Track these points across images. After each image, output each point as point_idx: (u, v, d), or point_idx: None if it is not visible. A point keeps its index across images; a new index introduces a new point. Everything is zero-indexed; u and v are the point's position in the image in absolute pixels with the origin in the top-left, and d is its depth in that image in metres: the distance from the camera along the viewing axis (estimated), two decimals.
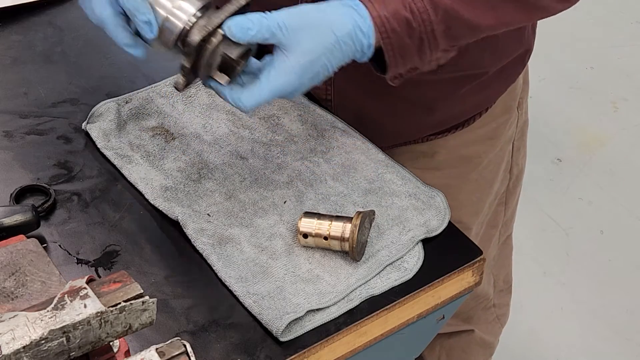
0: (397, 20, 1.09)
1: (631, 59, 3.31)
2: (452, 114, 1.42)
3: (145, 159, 1.23)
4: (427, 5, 1.09)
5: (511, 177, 1.59)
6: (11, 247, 0.96)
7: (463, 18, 1.11)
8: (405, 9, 1.08)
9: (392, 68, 1.12)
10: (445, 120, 1.42)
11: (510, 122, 1.51)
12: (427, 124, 1.42)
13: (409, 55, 1.11)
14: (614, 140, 2.98)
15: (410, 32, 1.09)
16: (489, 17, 1.13)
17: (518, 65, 1.45)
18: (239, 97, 1.07)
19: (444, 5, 1.09)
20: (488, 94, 1.43)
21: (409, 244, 1.15)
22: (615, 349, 2.38)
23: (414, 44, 1.10)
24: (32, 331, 0.78)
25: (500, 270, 1.74)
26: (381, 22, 1.08)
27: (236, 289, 1.08)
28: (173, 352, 0.83)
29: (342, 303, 1.08)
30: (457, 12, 1.10)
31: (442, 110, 1.38)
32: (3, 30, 1.44)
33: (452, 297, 1.16)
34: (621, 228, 2.69)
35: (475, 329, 1.77)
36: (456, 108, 1.40)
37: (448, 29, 1.11)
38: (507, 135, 1.52)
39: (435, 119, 1.39)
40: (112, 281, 0.84)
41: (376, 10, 1.08)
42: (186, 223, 1.14)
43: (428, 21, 1.09)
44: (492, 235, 1.63)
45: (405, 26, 1.09)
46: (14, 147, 1.25)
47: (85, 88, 1.34)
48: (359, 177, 1.23)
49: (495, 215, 1.61)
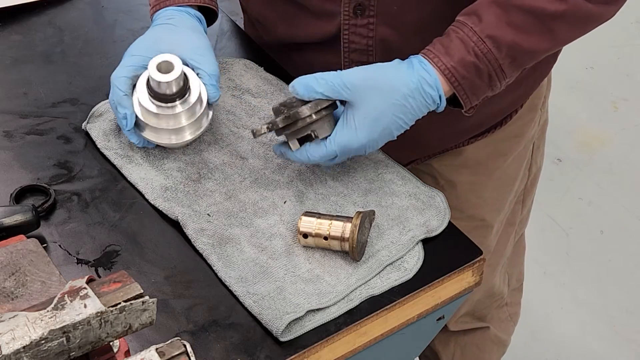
0: (465, 67, 1.14)
1: (631, 59, 3.30)
2: (490, 114, 1.41)
3: (145, 158, 1.23)
4: (490, 46, 1.14)
5: (530, 175, 1.59)
6: (11, 247, 0.96)
7: (524, 48, 1.15)
8: (470, 54, 1.14)
9: (467, 105, 1.18)
10: (482, 123, 1.42)
11: (535, 120, 1.51)
12: (463, 129, 1.42)
13: (481, 91, 1.18)
14: (614, 140, 2.98)
15: (479, 74, 1.15)
16: (546, 41, 1.17)
17: (551, 59, 1.44)
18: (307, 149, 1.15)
19: (505, 42, 1.14)
20: (524, 90, 1.43)
21: (409, 244, 1.15)
22: (615, 349, 2.38)
23: (484, 82, 1.16)
24: (32, 331, 0.78)
25: (514, 269, 1.75)
26: (450, 73, 1.15)
27: (236, 289, 1.08)
28: (173, 352, 0.83)
29: (342, 303, 1.08)
30: (518, 44, 1.14)
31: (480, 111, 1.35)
32: (3, 30, 1.44)
33: (452, 297, 1.16)
34: (621, 228, 2.68)
35: (491, 326, 1.77)
36: (494, 108, 1.40)
37: (513, 60, 1.16)
38: (530, 134, 1.52)
39: (472, 121, 1.39)
40: (112, 281, 0.84)
41: (442, 62, 1.14)
42: (186, 223, 1.14)
43: (494, 60, 1.15)
44: (509, 234, 1.63)
45: (474, 70, 1.15)
46: (14, 147, 1.25)
47: (85, 88, 1.34)
48: (359, 177, 1.23)
49: (513, 214, 1.61)
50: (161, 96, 1.18)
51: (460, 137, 1.44)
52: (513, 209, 1.60)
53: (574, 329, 2.42)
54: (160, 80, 1.16)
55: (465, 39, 1.14)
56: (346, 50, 1.29)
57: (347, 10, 1.25)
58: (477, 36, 1.14)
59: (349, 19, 1.26)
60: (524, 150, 1.53)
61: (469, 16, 1.15)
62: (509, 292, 1.76)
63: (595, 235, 2.66)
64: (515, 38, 1.14)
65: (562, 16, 1.15)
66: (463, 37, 1.14)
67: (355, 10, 1.25)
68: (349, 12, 1.25)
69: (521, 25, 1.14)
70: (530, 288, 2.45)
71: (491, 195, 1.51)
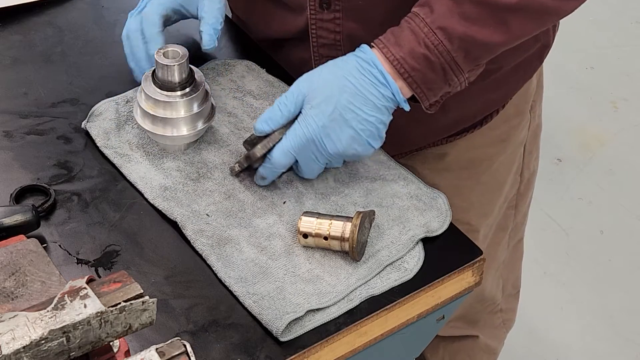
0: (415, 58, 1.13)
1: (631, 59, 3.30)
2: (467, 113, 1.41)
3: (144, 158, 1.23)
4: (442, 38, 1.12)
5: (522, 181, 1.58)
6: (11, 247, 0.96)
7: (477, 41, 1.14)
8: (420, 45, 1.13)
9: (424, 100, 1.17)
10: (459, 121, 1.42)
11: (522, 125, 1.50)
12: (441, 126, 1.41)
13: (437, 86, 1.16)
14: (614, 140, 2.98)
15: (432, 66, 1.14)
16: (500, 34, 1.15)
17: (535, 61, 1.43)
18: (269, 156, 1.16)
19: (457, 34, 1.12)
20: (503, 91, 1.43)
21: (409, 244, 1.15)
22: (615, 349, 2.38)
23: (438, 76, 1.15)
24: (32, 331, 0.78)
25: (510, 274, 1.73)
26: (398, 63, 1.13)
27: (236, 289, 1.08)
28: (173, 352, 0.83)
29: (342, 303, 1.08)
30: (470, 36, 1.13)
31: (456, 108, 1.36)
32: (3, 30, 1.44)
33: (452, 297, 1.16)
34: (621, 228, 2.68)
35: (480, 335, 1.76)
36: (471, 107, 1.40)
37: (467, 54, 1.14)
38: (519, 138, 1.51)
39: (449, 119, 1.39)
40: (112, 281, 0.84)
41: (391, 53, 1.13)
42: (185, 224, 1.14)
43: (446, 52, 1.13)
44: (501, 239, 1.62)
45: (424, 62, 1.13)
46: (14, 147, 1.25)
47: (85, 88, 1.34)
48: (360, 177, 1.23)
49: (505, 219, 1.60)
50: (165, 83, 1.19)
51: (437, 134, 1.43)
52: (505, 214, 1.59)
53: (573, 329, 2.42)
54: (165, 63, 1.18)
55: (416, 30, 1.13)
56: (315, 44, 1.30)
57: (314, 4, 1.26)
58: (428, 27, 1.12)
59: (315, 13, 1.26)
60: (513, 155, 1.52)
61: (422, 7, 1.14)
62: (504, 298, 1.75)
63: (595, 235, 2.66)
64: (467, 30, 1.12)
65: (515, 8, 1.13)
66: (414, 28, 1.13)
67: (321, 4, 1.25)
68: (315, 6, 1.26)
69: (473, 17, 1.12)
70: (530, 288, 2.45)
71: (477, 199, 1.50)
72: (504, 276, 1.71)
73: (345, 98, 1.13)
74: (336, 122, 1.13)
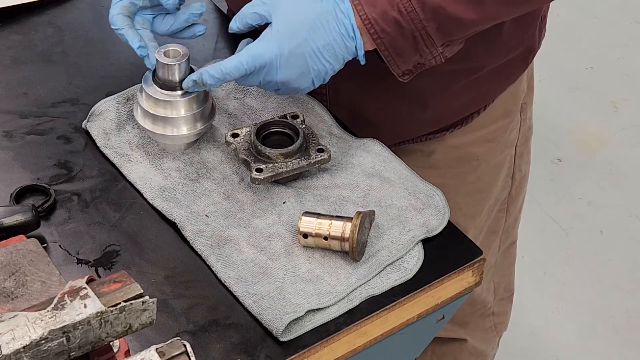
0: (386, 21, 1.13)
1: (631, 59, 3.30)
2: (446, 111, 1.41)
3: (144, 157, 1.23)
4: (415, 5, 1.12)
5: (513, 183, 1.58)
6: (11, 247, 0.96)
7: (450, 14, 1.14)
8: (393, 9, 1.13)
9: (394, 66, 1.17)
10: (439, 117, 1.42)
11: (511, 127, 1.50)
12: (420, 121, 1.41)
13: (406, 54, 1.16)
14: (614, 140, 2.98)
15: (402, 32, 1.14)
16: (472, 12, 1.15)
17: (520, 65, 1.44)
18: (220, 62, 1.14)
19: (430, 3, 1.12)
20: (485, 91, 1.42)
21: (409, 244, 1.15)
22: (615, 349, 2.38)
23: (408, 43, 1.15)
24: (32, 331, 0.78)
25: (502, 278, 1.72)
26: (370, 24, 1.13)
27: (236, 290, 1.08)
28: (173, 352, 0.83)
29: (342, 303, 1.08)
30: (443, 8, 1.13)
31: (435, 105, 1.37)
32: (3, 30, 1.44)
33: (452, 297, 1.16)
34: (621, 228, 2.68)
35: (469, 338, 1.74)
36: (450, 104, 1.40)
37: (439, 25, 1.14)
38: (508, 140, 1.51)
39: (428, 115, 1.39)
40: (112, 281, 0.84)
41: (364, 11, 1.13)
42: (184, 226, 1.14)
43: (417, 20, 1.13)
44: (491, 242, 1.62)
45: (395, 26, 1.13)
46: (14, 147, 1.25)
47: (85, 88, 1.34)
48: (358, 177, 1.23)
49: (496, 221, 1.59)
50: (165, 82, 1.19)
51: (416, 130, 1.43)
52: (495, 217, 1.59)
53: (573, 329, 2.42)
54: (165, 62, 1.18)
55: None
56: None
57: None
58: None
59: None
60: (502, 157, 1.52)
61: None
62: (496, 301, 1.73)
63: (595, 235, 2.66)
64: (441, 2, 1.13)
65: None
66: None
67: None
68: None
69: None
70: (529, 288, 2.45)
71: (464, 200, 1.49)
72: (496, 280, 1.70)
73: (312, 39, 1.14)
74: (296, 56, 1.14)
